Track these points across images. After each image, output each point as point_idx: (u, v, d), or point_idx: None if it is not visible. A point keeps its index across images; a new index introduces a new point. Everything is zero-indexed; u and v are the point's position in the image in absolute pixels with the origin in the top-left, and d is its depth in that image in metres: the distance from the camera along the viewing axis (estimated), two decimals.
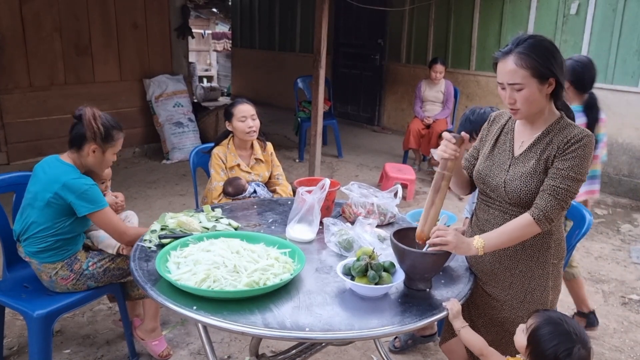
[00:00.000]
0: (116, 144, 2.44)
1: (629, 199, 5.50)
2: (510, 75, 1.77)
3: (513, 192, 1.87)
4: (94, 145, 2.36)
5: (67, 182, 2.27)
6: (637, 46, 5.32)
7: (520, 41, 1.77)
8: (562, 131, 1.83)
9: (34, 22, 5.47)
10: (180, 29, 6.70)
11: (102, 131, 2.35)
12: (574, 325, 1.62)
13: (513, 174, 1.89)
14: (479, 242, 1.83)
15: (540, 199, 1.80)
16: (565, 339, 1.57)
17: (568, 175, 1.77)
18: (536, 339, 1.61)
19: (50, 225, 2.33)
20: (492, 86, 6.74)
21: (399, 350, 2.90)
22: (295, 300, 1.77)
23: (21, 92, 5.46)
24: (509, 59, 1.77)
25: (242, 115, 3.07)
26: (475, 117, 2.55)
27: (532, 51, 1.74)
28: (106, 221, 2.35)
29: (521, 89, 1.77)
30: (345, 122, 8.38)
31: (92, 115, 2.35)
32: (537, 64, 1.74)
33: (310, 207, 2.29)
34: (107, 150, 2.41)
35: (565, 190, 1.77)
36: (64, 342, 2.86)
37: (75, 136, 2.36)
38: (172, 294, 1.76)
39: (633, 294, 3.63)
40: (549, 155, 1.82)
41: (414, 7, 7.43)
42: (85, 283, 2.45)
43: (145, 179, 5.66)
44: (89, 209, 2.29)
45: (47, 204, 2.29)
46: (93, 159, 2.40)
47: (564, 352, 1.55)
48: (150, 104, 6.39)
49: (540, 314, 1.67)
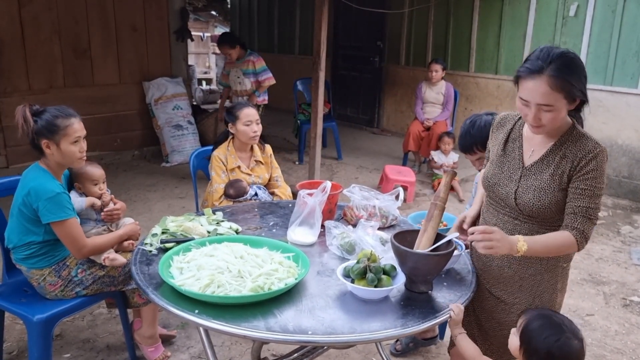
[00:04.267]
0: (67, 131, 2.26)
1: (629, 201, 5.50)
2: (542, 97, 1.68)
3: (525, 205, 1.84)
4: (44, 140, 2.26)
5: (33, 187, 2.21)
6: (636, 47, 5.32)
7: (552, 59, 1.67)
8: (576, 143, 1.79)
9: (33, 25, 5.47)
10: (179, 32, 6.70)
11: (33, 128, 2.24)
12: (563, 318, 1.63)
13: (525, 186, 1.85)
14: (522, 245, 1.72)
15: (574, 221, 1.77)
16: (555, 330, 1.57)
17: (593, 193, 1.76)
18: (527, 335, 1.61)
19: (26, 232, 2.28)
20: (492, 88, 6.74)
21: (401, 354, 2.89)
22: (298, 304, 1.77)
23: (20, 95, 5.44)
24: (541, 80, 1.67)
25: (248, 120, 3.07)
26: (475, 131, 2.48)
27: (567, 73, 1.66)
28: (66, 232, 2.25)
29: (551, 110, 1.70)
30: (345, 124, 8.37)
31: (22, 117, 2.25)
32: (573, 87, 1.67)
33: (312, 210, 2.28)
34: (60, 141, 2.26)
35: (595, 209, 1.77)
36: (64, 346, 2.85)
37: (30, 141, 2.28)
38: (174, 298, 1.75)
39: (634, 296, 3.62)
40: (563, 170, 1.79)
41: (413, 10, 7.43)
42: (73, 290, 2.40)
43: (144, 182, 5.65)
44: (50, 217, 2.21)
45: (19, 210, 2.26)
46: (56, 154, 2.28)
47: (555, 344, 1.54)
48: (149, 106, 6.39)
49: (529, 312, 1.68)
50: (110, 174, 5.72)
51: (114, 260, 2.39)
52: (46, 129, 2.25)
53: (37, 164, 2.34)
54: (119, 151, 6.35)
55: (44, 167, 2.32)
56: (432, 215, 1.93)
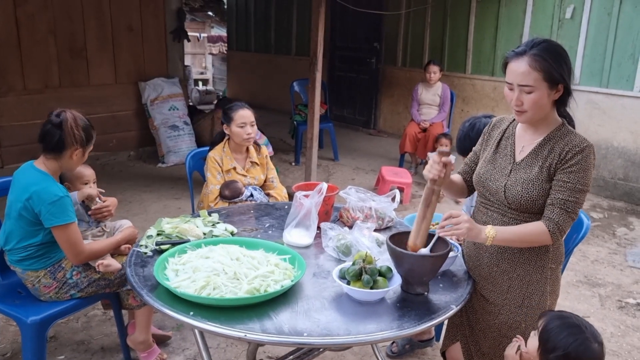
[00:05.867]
0: (91, 147, 2.38)
1: (625, 203, 5.51)
2: (522, 77, 1.76)
3: (513, 198, 1.87)
4: (78, 149, 2.29)
5: (37, 191, 2.18)
6: (632, 50, 5.34)
7: (535, 44, 1.76)
8: (564, 138, 1.83)
9: (29, 25, 5.45)
10: (175, 32, 6.69)
11: (83, 135, 2.29)
12: (583, 321, 1.61)
13: (514, 179, 1.88)
14: (490, 231, 1.81)
15: (551, 213, 1.81)
16: (574, 331, 1.55)
17: (575, 187, 1.79)
18: (546, 334, 1.59)
19: (26, 235, 2.26)
20: (488, 89, 6.76)
21: (397, 356, 2.89)
22: (293, 306, 1.76)
23: (15, 95, 5.43)
24: (523, 60, 1.76)
25: (242, 122, 3.06)
26: (474, 134, 2.48)
27: (547, 55, 1.74)
28: (66, 237, 2.23)
29: (531, 91, 1.76)
30: (342, 125, 8.38)
31: (74, 121, 2.27)
32: (551, 67, 1.73)
33: (308, 211, 2.27)
34: (87, 151, 2.35)
35: (575, 203, 1.80)
36: (58, 348, 2.83)
37: (54, 142, 2.26)
38: (169, 300, 1.74)
39: (629, 298, 3.63)
40: (550, 163, 1.83)
41: (410, 11, 7.44)
42: (68, 292, 2.38)
43: (140, 182, 5.63)
44: (54, 221, 2.19)
45: (19, 214, 2.23)
46: (73, 161, 2.32)
47: (574, 344, 1.52)
48: (145, 107, 6.37)
49: (549, 313, 1.68)
50: (106, 174, 5.72)
51: (108, 266, 2.37)
52: (87, 140, 2.32)
53: (33, 164, 2.31)
54: (115, 152, 6.33)
55: (43, 169, 2.28)
56: (429, 202, 1.87)
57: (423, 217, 1.87)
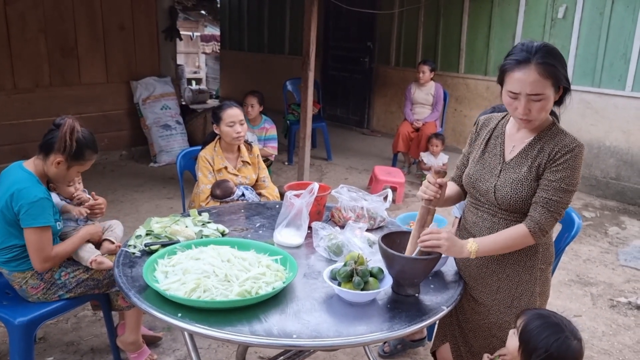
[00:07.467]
0: (85, 163, 2.33)
1: (617, 202, 5.53)
2: (533, 86, 1.70)
3: (503, 198, 1.86)
4: (60, 157, 2.24)
5: (18, 189, 2.15)
6: (624, 50, 5.36)
7: (537, 50, 1.70)
8: (554, 138, 1.82)
9: (19, 23, 5.39)
10: (168, 31, 6.65)
11: (72, 147, 2.23)
12: (562, 318, 1.61)
13: (504, 179, 1.87)
14: (472, 245, 1.80)
15: (534, 211, 1.80)
16: (555, 330, 1.56)
17: (559, 187, 1.77)
18: (526, 335, 1.59)
19: (9, 236, 2.23)
20: (481, 89, 6.76)
21: (388, 355, 2.88)
22: (283, 307, 1.74)
23: (5, 94, 5.38)
24: (530, 69, 1.69)
25: (231, 121, 3.05)
26: None
27: (552, 60, 1.69)
28: (36, 239, 2.18)
29: (541, 99, 1.72)
30: (335, 124, 8.36)
31: (70, 129, 2.23)
32: (558, 72, 1.70)
33: (299, 211, 2.26)
34: (72, 166, 2.29)
35: (558, 202, 1.78)
36: (47, 350, 2.80)
37: (46, 142, 2.24)
38: (157, 301, 1.72)
39: (621, 297, 3.64)
40: (540, 162, 1.81)
41: (403, 10, 7.44)
42: (56, 293, 2.35)
43: (132, 182, 5.59)
44: (29, 222, 2.15)
45: (1, 214, 2.20)
46: (56, 170, 2.27)
47: (554, 343, 1.53)
48: (137, 106, 6.33)
49: (528, 312, 1.68)
50: (98, 174, 5.67)
51: (101, 263, 2.35)
52: (72, 151, 2.24)
53: (22, 165, 2.28)
54: (107, 151, 6.28)
55: (31, 169, 2.26)
56: (424, 221, 1.86)
57: (417, 237, 1.85)
